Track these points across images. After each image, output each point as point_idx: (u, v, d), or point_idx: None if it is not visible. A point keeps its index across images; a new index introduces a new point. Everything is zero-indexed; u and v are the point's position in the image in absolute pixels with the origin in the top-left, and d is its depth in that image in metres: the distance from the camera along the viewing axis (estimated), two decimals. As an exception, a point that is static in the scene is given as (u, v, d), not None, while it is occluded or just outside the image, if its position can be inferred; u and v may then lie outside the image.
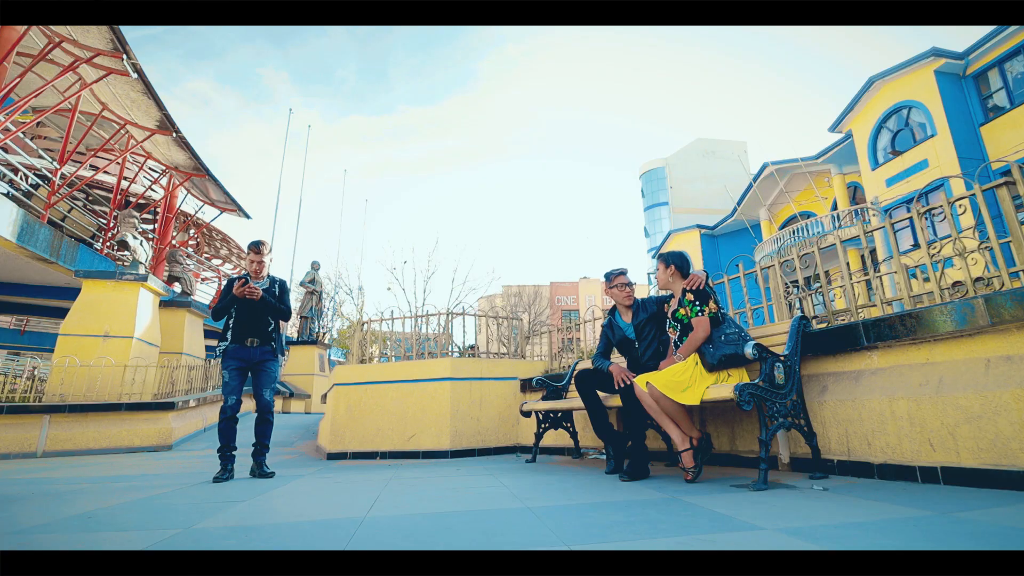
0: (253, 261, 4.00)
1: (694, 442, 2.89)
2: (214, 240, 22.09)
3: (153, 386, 8.01)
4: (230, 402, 3.79)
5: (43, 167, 13.27)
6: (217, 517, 2.24)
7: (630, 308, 3.59)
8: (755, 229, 22.96)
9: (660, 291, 3.48)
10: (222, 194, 17.20)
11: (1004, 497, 1.98)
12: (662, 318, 3.42)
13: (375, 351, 7.17)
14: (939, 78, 14.21)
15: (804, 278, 3.61)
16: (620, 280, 3.63)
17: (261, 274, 4.02)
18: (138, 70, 10.73)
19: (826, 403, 2.86)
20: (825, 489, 2.37)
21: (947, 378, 2.39)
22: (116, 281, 8.35)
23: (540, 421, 4.58)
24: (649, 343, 3.44)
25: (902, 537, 1.53)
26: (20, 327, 21.75)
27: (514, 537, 1.74)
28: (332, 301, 24.51)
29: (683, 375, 2.88)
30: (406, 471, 4.03)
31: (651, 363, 3.34)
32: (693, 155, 38.10)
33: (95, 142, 14.42)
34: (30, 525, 2.17)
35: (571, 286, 42.25)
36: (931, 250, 2.88)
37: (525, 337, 6.95)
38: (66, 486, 3.54)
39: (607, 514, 2.04)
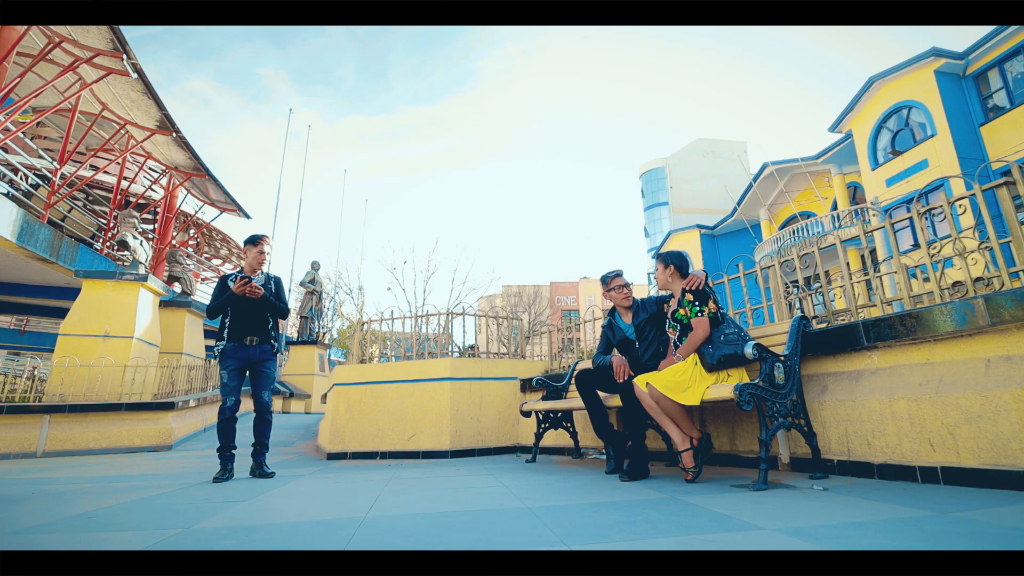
0: (258, 255, 3.94)
1: (694, 442, 2.89)
2: (214, 240, 22.09)
3: (153, 386, 8.01)
4: (229, 403, 3.76)
5: (43, 167, 13.27)
6: (217, 517, 2.24)
7: (629, 309, 3.59)
8: (755, 229, 22.96)
9: (660, 291, 3.48)
10: (222, 194, 17.20)
11: (1004, 497, 1.98)
12: (662, 318, 3.42)
13: (375, 351, 7.17)
14: (939, 78, 14.21)
15: (804, 278, 3.61)
16: (617, 282, 3.64)
17: (258, 270, 3.98)
18: (138, 70, 10.73)
19: (826, 403, 2.86)
20: (825, 489, 2.37)
21: (947, 378, 2.39)
22: (116, 281, 8.35)
23: (540, 421, 4.58)
24: (649, 343, 3.44)
25: (902, 537, 1.53)
26: (20, 327, 21.75)
27: (514, 537, 1.74)
28: (332, 301, 24.51)
29: (683, 375, 2.88)
30: (406, 471, 4.03)
31: (651, 363, 3.34)
32: (693, 155, 38.09)
33: (95, 142, 14.42)
34: (30, 525, 2.17)
35: (571, 286, 42.24)
36: (931, 250, 2.88)
37: (525, 337, 6.95)
38: (66, 486, 3.54)
39: (607, 514, 2.04)
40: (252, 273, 3.95)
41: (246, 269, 3.97)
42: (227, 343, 3.80)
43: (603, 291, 3.71)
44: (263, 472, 3.81)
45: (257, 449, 3.87)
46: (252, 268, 3.96)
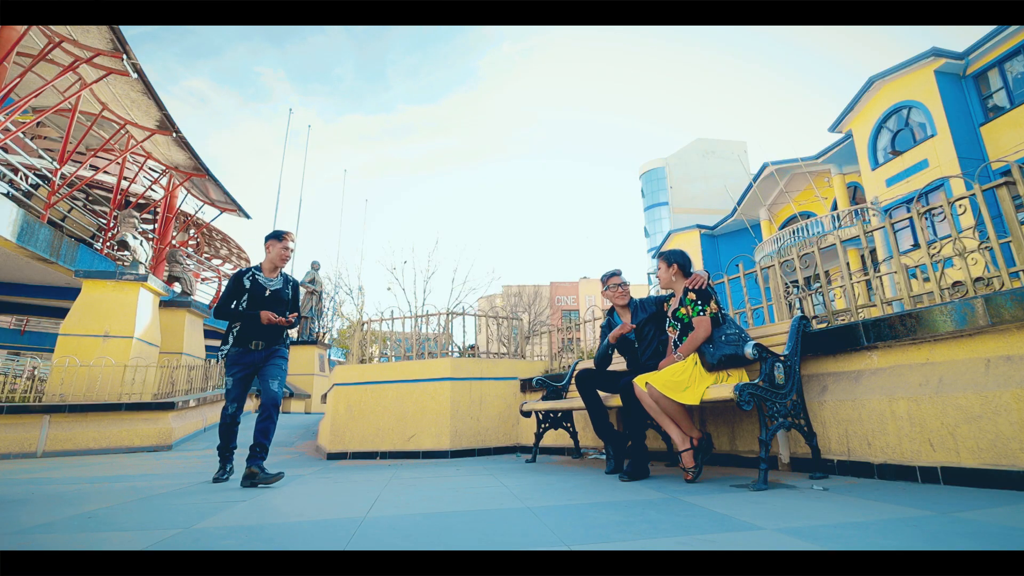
0: (283, 251, 3.72)
1: (694, 442, 2.89)
2: (214, 240, 22.09)
3: (153, 386, 8.01)
4: (230, 410, 3.60)
5: (43, 167, 13.27)
6: (217, 517, 2.24)
7: (627, 308, 3.60)
8: (755, 229, 22.96)
9: (661, 290, 3.48)
10: (222, 194, 17.20)
11: (1004, 497, 1.98)
12: (662, 317, 3.42)
13: (375, 351, 7.17)
14: (939, 78, 14.21)
15: (804, 278, 3.61)
16: (614, 281, 3.65)
17: (280, 267, 3.76)
18: (138, 70, 10.73)
19: (826, 403, 2.86)
20: (825, 489, 2.37)
21: (947, 378, 2.39)
22: (116, 281, 8.35)
23: (540, 421, 4.58)
24: (649, 343, 3.45)
25: (902, 537, 1.53)
26: (20, 327, 21.75)
27: (514, 537, 1.74)
28: (332, 301, 24.50)
29: (682, 375, 2.88)
30: (406, 471, 4.03)
31: (651, 363, 3.34)
32: (693, 155, 38.07)
33: (95, 142, 14.42)
34: (30, 525, 2.17)
35: (571, 286, 42.22)
36: (931, 250, 2.88)
37: (525, 337, 6.95)
38: (66, 486, 3.54)
39: (607, 514, 2.04)
40: (272, 270, 3.75)
41: (266, 265, 3.74)
42: (231, 347, 3.60)
43: (602, 290, 3.73)
44: (265, 476, 3.29)
45: (253, 451, 3.39)
46: (273, 265, 3.74)
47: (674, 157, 38.25)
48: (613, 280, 3.65)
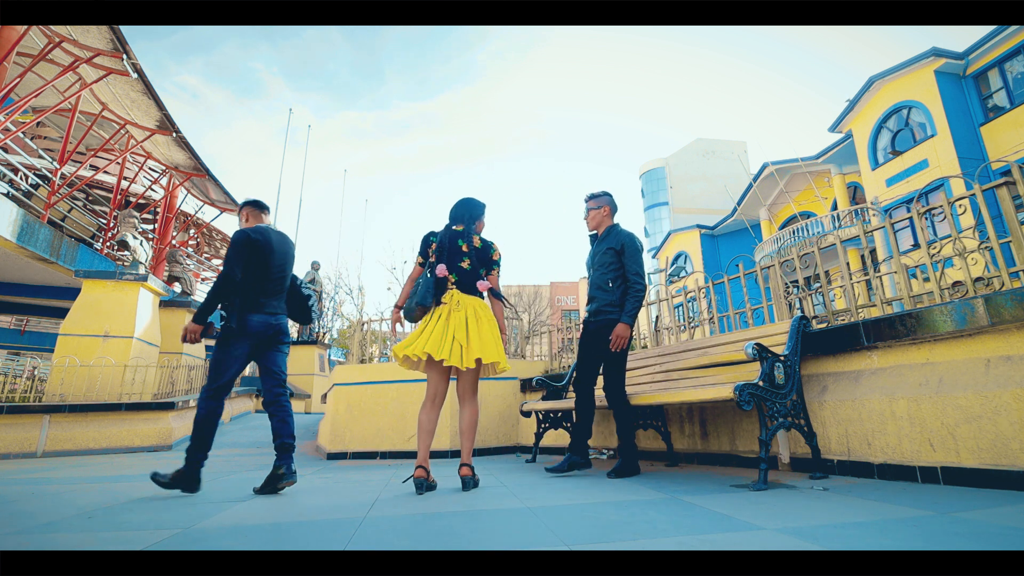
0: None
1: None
2: (214, 240, 22.08)
3: (153, 386, 8.01)
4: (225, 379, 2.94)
5: (43, 167, 13.27)
6: (217, 517, 2.24)
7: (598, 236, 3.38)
8: (755, 229, 22.96)
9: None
10: (222, 194, 17.20)
11: (1004, 497, 1.98)
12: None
13: (375, 351, 7.16)
14: (939, 78, 14.21)
15: (804, 278, 3.61)
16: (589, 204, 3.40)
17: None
18: (138, 70, 10.73)
19: (826, 403, 2.86)
20: (825, 489, 2.37)
21: (947, 378, 2.39)
22: (116, 281, 8.35)
23: (540, 421, 4.58)
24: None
25: (902, 537, 1.53)
26: (20, 327, 21.74)
27: (514, 537, 1.74)
28: (332, 301, 24.49)
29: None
30: (406, 471, 4.03)
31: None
32: (693, 155, 38.07)
33: (95, 142, 14.41)
34: (30, 525, 2.17)
35: (571, 286, 42.20)
36: (931, 250, 2.88)
37: (525, 337, 6.95)
38: (66, 486, 3.54)
39: (607, 514, 2.04)
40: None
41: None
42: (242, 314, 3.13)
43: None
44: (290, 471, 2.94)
45: (284, 446, 3.00)
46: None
47: (674, 157, 38.24)
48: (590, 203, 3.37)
